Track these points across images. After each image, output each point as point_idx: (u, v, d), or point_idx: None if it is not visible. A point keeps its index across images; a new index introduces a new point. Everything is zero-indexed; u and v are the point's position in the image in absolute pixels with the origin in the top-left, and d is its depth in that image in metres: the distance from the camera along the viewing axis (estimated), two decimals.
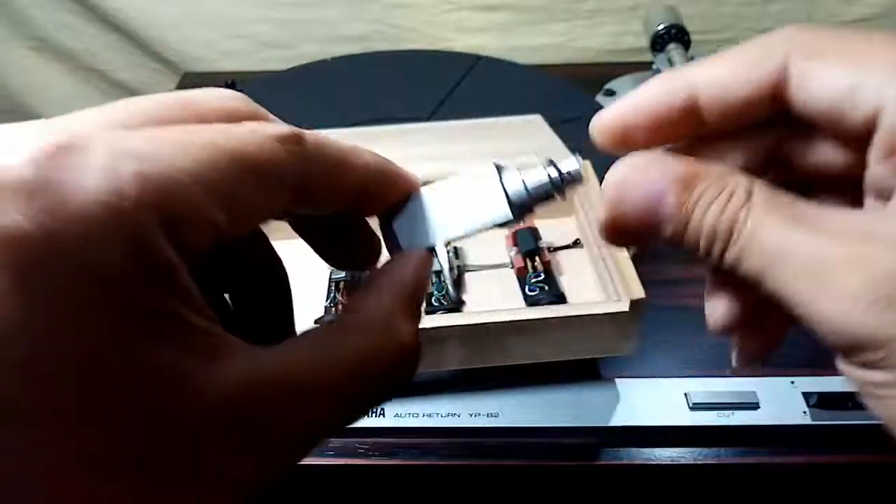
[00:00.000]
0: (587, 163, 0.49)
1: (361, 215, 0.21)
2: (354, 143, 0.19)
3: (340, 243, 0.22)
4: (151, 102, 0.16)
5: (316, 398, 0.15)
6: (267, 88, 0.71)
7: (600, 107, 0.66)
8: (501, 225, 0.21)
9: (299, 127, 0.18)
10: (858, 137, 0.18)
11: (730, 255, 0.18)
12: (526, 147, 0.53)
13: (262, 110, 0.18)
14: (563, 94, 0.68)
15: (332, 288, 0.46)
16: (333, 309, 0.44)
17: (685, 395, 0.44)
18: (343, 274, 0.46)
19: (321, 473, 0.43)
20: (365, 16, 0.84)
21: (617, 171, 0.19)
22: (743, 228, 0.17)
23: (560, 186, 0.21)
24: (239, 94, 0.18)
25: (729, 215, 0.17)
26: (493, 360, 0.42)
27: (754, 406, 0.42)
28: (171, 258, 0.14)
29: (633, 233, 0.19)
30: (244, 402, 0.14)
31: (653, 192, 0.18)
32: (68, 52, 0.90)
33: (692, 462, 0.42)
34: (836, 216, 0.17)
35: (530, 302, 0.45)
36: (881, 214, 0.17)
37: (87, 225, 0.12)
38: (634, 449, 0.43)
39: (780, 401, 0.43)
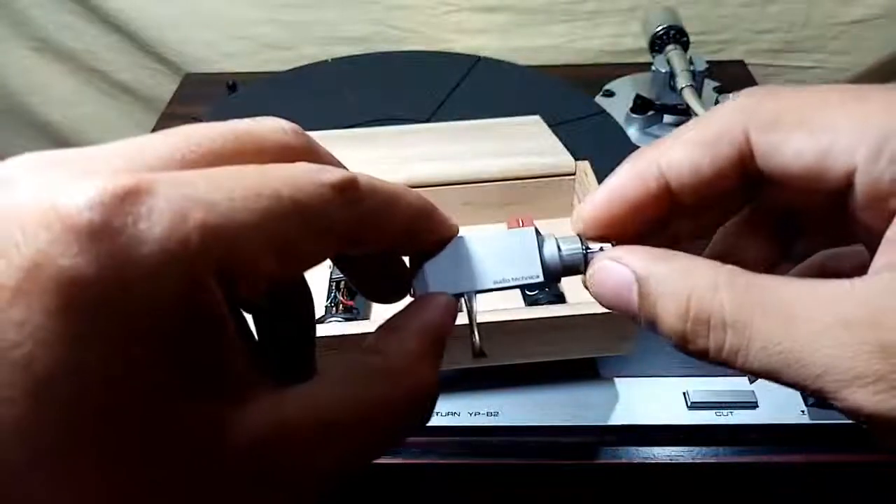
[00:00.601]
0: (586, 163, 0.49)
1: (398, 254, 0.21)
2: (356, 144, 0.19)
3: (372, 277, 0.22)
4: (210, 136, 0.16)
5: (340, 439, 0.16)
6: (268, 89, 0.71)
7: (600, 108, 0.66)
8: (528, 286, 0.22)
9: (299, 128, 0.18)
10: (836, 192, 0.18)
11: (721, 357, 0.18)
12: (526, 147, 0.53)
13: (317, 146, 0.18)
14: (563, 95, 0.68)
15: (333, 288, 0.46)
16: (334, 309, 0.45)
17: (684, 394, 0.44)
18: (343, 274, 0.46)
19: None
20: (365, 17, 0.84)
21: (590, 271, 0.20)
22: (726, 334, 0.17)
23: (589, 262, 0.21)
24: (293, 126, 0.18)
25: (697, 319, 0.18)
26: (494, 360, 0.42)
27: (752, 405, 0.43)
28: (223, 311, 0.14)
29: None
30: (272, 444, 0.14)
31: (621, 288, 0.19)
32: (69, 53, 0.90)
33: (691, 461, 0.42)
34: (831, 295, 0.17)
35: (530, 302, 0.45)
36: (884, 285, 0.16)
37: (147, 273, 0.12)
38: (633, 448, 0.43)
39: (779, 400, 0.43)
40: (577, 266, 0.22)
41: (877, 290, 0.16)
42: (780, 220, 0.22)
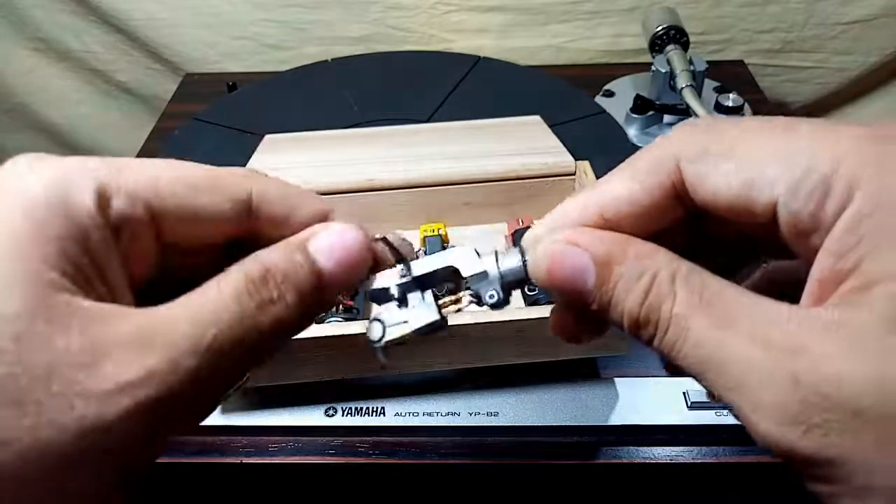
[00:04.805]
0: (586, 163, 0.49)
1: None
2: (356, 144, 0.20)
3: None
4: None
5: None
6: (267, 89, 0.71)
7: (600, 108, 0.66)
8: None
9: (298, 128, 0.19)
10: (764, 222, 0.18)
11: (661, 346, 0.18)
12: (526, 147, 0.53)
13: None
14: (563, 95, 0.68)
15: None
16: (334, 308, 0.45)
17: (684, 393, 0.44)
18: None
19: (322, 472, 0.43)
20: (365, 17, 0.84)
21: (546, 248, 0.20)
22: (670, 323, 0.17)
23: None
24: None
25: (651, 305, 0.18)
26: (493, 360, 0.42)
27: None
28: (91, 215, 0.17)
29: (566, 302, 0.21)
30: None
31: (577, 271, 0.19)
32: (69, 53, 0.90)
33: (690, 461, 0.42)
34: (766, 314, 0.17)
35: (530, 302, 0.45)
36: (811, 322, 0.16)
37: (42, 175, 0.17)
38: (633, 448, 0.43)
39: None
40: (519, 274, 0.22)
41: (803, 321, 0.16)
42: (722, 248, 0.22)
